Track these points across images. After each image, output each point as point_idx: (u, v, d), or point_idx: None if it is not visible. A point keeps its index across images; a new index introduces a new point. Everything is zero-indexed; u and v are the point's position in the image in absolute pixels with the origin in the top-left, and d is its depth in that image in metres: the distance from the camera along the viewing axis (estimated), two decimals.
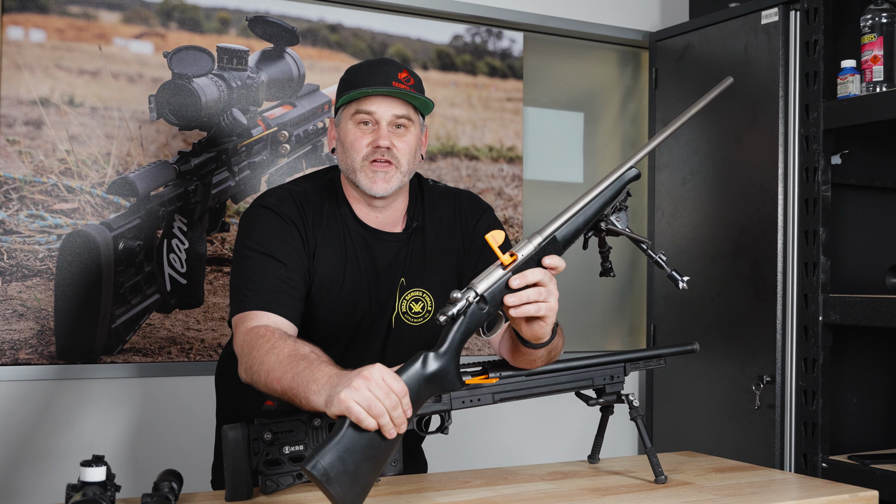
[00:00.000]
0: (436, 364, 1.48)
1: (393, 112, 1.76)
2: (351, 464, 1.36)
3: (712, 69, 3.17)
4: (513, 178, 3.30)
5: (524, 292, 1.50)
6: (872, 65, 2.64)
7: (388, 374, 1.40)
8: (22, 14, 2.61)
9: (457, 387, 1.50)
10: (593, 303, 3.54)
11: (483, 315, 1.50)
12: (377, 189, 1.77)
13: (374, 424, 1.37)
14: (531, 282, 1.50)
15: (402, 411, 1.40)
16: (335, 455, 1.36)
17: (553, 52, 3.47)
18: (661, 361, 1.82)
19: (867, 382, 2.96)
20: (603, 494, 1.64)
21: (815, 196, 2.77)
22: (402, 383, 1.41)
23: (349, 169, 1.79)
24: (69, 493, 1.41)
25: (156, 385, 2.76)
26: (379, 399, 1.37)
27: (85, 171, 2.67)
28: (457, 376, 1.50)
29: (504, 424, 3.28)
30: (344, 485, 1.35)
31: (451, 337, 1.49)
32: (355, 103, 1.77)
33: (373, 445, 1.39)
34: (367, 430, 1.38)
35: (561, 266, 1.54)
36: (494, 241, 1.50)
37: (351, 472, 1.36)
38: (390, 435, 1.39)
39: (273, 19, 2.93)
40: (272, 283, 1.71)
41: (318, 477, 1.34)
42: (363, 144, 1.76)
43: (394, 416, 1.38)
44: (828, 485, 1.77)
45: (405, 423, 1.41)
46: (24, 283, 2.59)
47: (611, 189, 1.63)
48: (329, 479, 1.34)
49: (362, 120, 1.77)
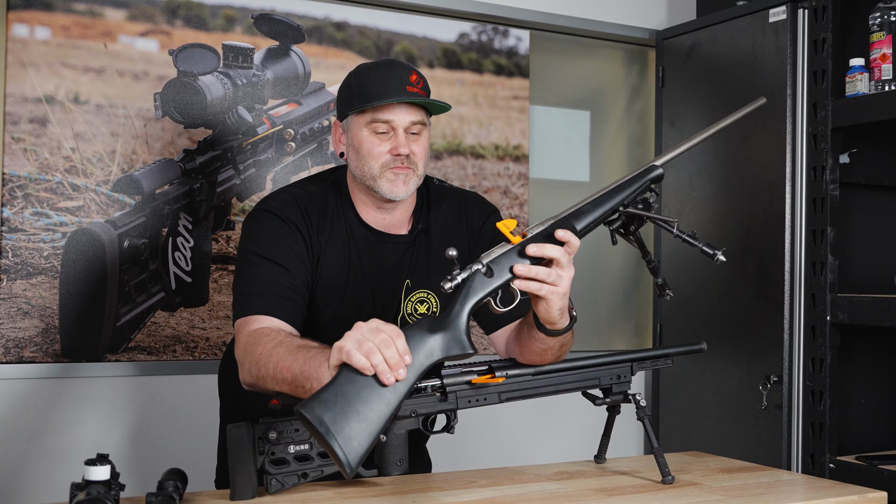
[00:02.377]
0: (441, 327, 1.45)
1: (410, 119, 1.75)
2: (345, 406, 1.34)
3: (719, 68, 3.15)
4: (519, 176, 3.29)
5: (535, 267, 1.47)
6: (881, 63, 2.62)
7: (382, 322, 1.41)
8: (27, 11, 2.61)
9: (467, 349, 1.45)
10: (599, 302, 3.53)
11: (488, 284, 1.47)
12: (398, 193, 1.75)
13: (365, 362, 1.36)
14: (548, 255, 1.48)
15: (395, 351, 1.38)
16: (327, 395, 1.35)
17: (559, 50, 3.46)
18: (668, 361, 1.81)
19: (875, 382, 2.95)
20: (609, 495, 1.63)
21: (823, 195, 2.76)
22: (394, 326, 1.40)
23: (366, 176, 1.77)
24: (73, 491, 1.40)
25: (160, 384, 2.76)
26: (368, 338, 1.37)
27: (90, 169, 2.66)
28: (467, 338, 1.45)
29: (510, 424, 3.27)
30: (337, 425, 1.33)
31: (457, 304, 1.47)
32: (371, 111, 1.74)
33: (371, 390, 1.37)
34: (363, 375, 1.37)
35: (574, 242, 1.49)
36: (506, 227, 1.49)
37: (345, 415, 1.34)
38: (386, 378, 1.37)
39: (279, 17, 2.92)
40: (275, 288, 1.71)
41: (310, 419, 1.32)
42: (382, 151, 1.75)
43: (386, 356, 1.37)
44: (836, 486, 1.76)
45: (402, 367, 1.38)
46: (28, 281, 2.59)
47: (631, 182, 1.59)
48: (321, 419, 1.32)
49: (379, 129, 1.75)
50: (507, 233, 1.49)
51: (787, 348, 2.86)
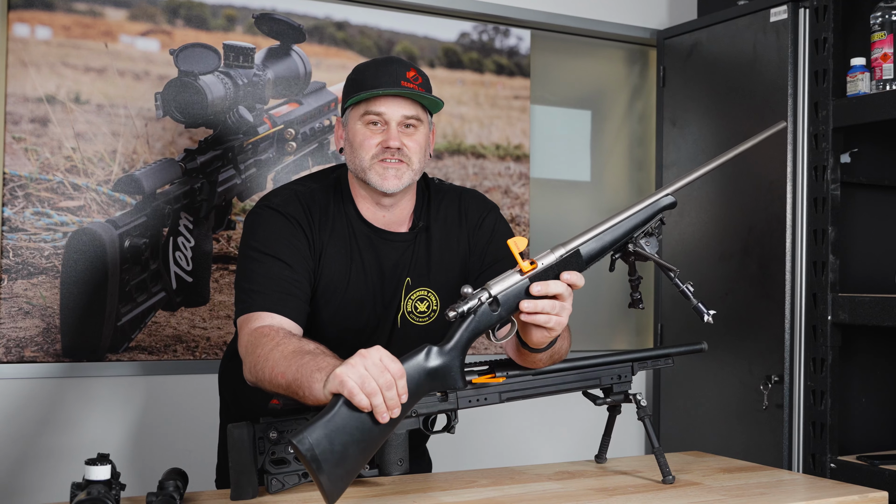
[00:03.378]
0: (439, 360, 1.45)
1: (402, 113, 1.76)
2: (338, 444, 1.34)
3: (721, 67, 3.15)
4: (520, 176, 3.29)
5: (541, 302, 1.48)
6: (882, 62, 2.62)
7: (386, 355, 1.39)
8: (28, 11, 2.61)
9: (458, 385, 1.46)
10: (600, 302, 3.53)
11: (494, 318, 1.48)
12: (388, 185, 1.76)
13: (367, 402, 1.35)
14: (552, 293, 1.49)
15: (396, 393, 1.37)
16: (323, 433, 1.33)
17: (560, 49, 3.45)
18: (669, 361, 1.81)
19: (876, 382, 2.94)
20: (610, 494, 1.63)
21: (824, 195, 2.76)
22: (398, 364, 1.39)
23: (358, 168, 1.78)
24: (74, 491, 1.40)
25: (161, 383, 2.76)
26: (373, 377, 1.35)
27: (91, 169, 2.66)
28: (460, 375, 1.46)
29: (511, 424, 3.27)
30: (328, 464, 1.32)
31: (458, 335, 1.47)
32: (364, 104, 1.76)
33: (363, 429, 1.36)
34: (359, 411, 1.36)
35: (579, 283, 1.51)
36: (516, 247, 1.48)
37: (337, 453, 1.33)
38: (382, 418, 1.36)
39: (279, 16, 2.92)
40: (277, 284, 1.71)
41: (303, 452, 1.32)
42: (372, 144, 1.76)
43: (387, 397, 1.36)
44: (837, 486, 1.75)
45: (398, 408, 1.38)
46: (29, 281, 2.59)
47: (643, 213, 1.61)
48: (314, 455, 1.32)
49: (371, 121, 1.76)
50: (517, 255, 1.48)
51: (787, 348, 2.86)
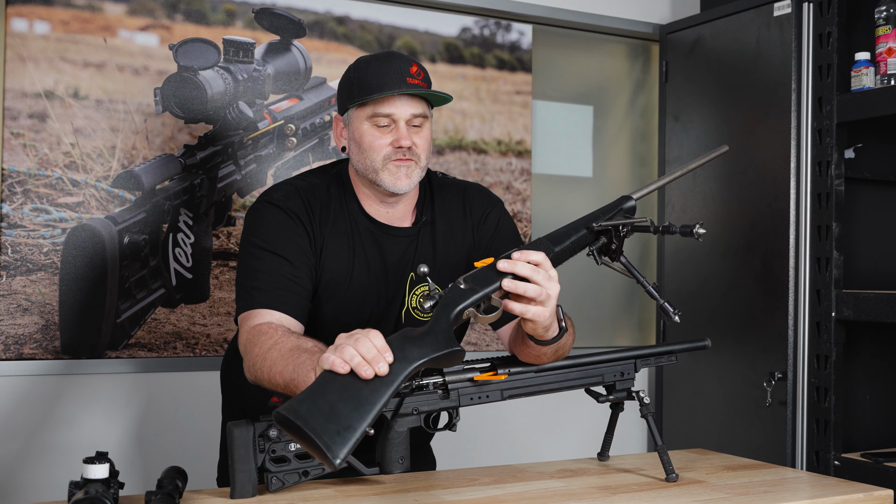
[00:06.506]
0: (422, 328, 1.43)
1: (411, 111, 1.74)
2: (323, 402, 1.31)
3: (724, 62, 3.13)
4: (521, 172, 3.27)
5: (520, 266, 1.48)
6: (887, 57, 2.61)
7: (363, 329, 1.40)
8: (26, 6, 2.59)
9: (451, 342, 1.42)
10: (602, 299, 3.52)
11: (466, 293, 1.46)
12: (401, 186, 1.74)
13: (340, 360, 1.34)
14: (518, 272, 1.48)
15: (370, 345, 1.35)
16: (306, 395, 1.33)
17: (562, 44, 3.44)
18: (672, 358, 1.80)
19: (880, 379, 2.93)
20: (613, 493, 1.61)
21: (828, 190, 2.74)
22: (374, 331, 1.39)
23: (368, 169, 1.75)
24: (72, 490, 1.39)
25: (161, 380, 2.75)
26: (348, 344, 1.36)
27: (90, 165, 2.65)
28: (446, 337, 1.42)
29: (513, 421, 3.26)
30: (316, 420, 1.29)
31: (436, 311, 1.46)
32: (371, 104, 1.73)
33: (349, 387, 1.33)
34: (341, 375, 1.34)
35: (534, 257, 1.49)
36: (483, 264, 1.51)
37: (324, 410, 1.30)
38: (364, 372, 1.33)
39: (280, 11, 2.90)
40: (278, 281, 1.70)
41: (285, 415, 1.29)
42: (383, 144, 1.74)
43: (362, 351, 1.35)
44: (841, 483, 1.74)
45: (381, 362, 1.35)
46: (28, 278, 2.58)
47: (605, 210, 1.64)
48: (298, 414, 1.29)
49: (380, 123, 1.74)
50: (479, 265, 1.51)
51: (791, 345, 2.85)
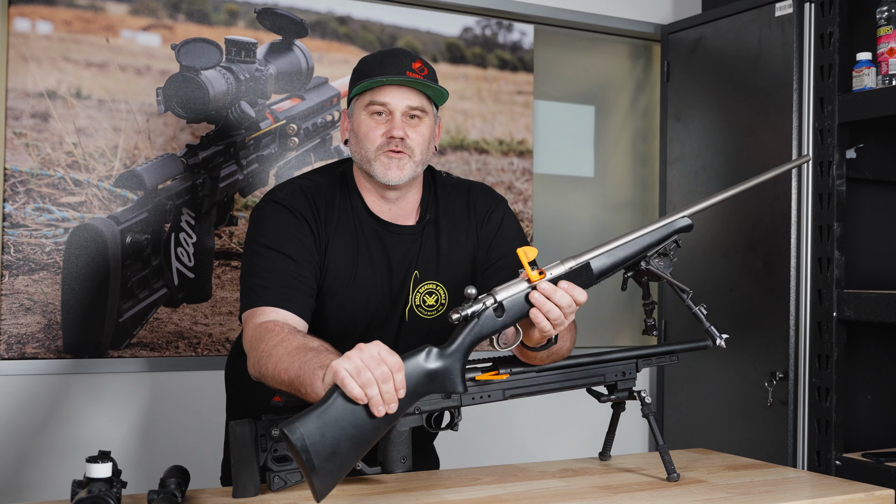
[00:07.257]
0: (439, 362, 1.43)
1: (407, 103, 1.75)
2: (330, 437, 1.31)
3: (725, 62, 3.13)
4: (523, 171, 3.27)
5: (548, 304, 1.47)
6: (889, 57, 2.60)
7: (385, 349, 1.37)
8: (29, 6, 2.60)
9: (458, 389, 1.43)
10: (604, 299, 3.52)
11: (498, 324, 1.46)
12: (391, 177, 1.75)
13: (360, 393, 1.32)
14: (556, 302, 1.47)
15: (392, 386, 1.34)
16: (315, 424, 1.31)
17: (564, 44, 3.44)
18: (674, 358, 1.80)
19: (881, 379, 2.93)
20: (614, 492, 1.61)
21: (830, 190, 2.74)
22: (397, 358, 1.37)
23: (363, 159, 1.77)
24: (75, 489, 1.39)
25: (163, 380, 2.75)
26: (369, 368, 1.33)
27: (92, 164, 2.65)
28: (460, 379, 1.44)
29: (514, 421, 3.26)
30: (319, 457, 1.29)
31: (461, 339, 1.45)
32: (369, 94, 1.75)
33: (357, 423, 1.33)
34: (355, 404, 1.33)
35: (581, 298, 1.49)
36: (525, 256, 1.47)
37: (329, 446, 1.30)
38: (378, 411, 1.33)
39: (282, 11, 2.91)
40: (282, 279, 1.70)
41: (293, 442, 1.29)
42: (377, 135, 1.75)
43: (383, 390, 1.34)
44: (842, 483, 1.74)
45: (395, 402, 1.35)
46: (30, 277, 2.58)
47: (658, 232, 1.61)
48: (304, 447, 1.29)
49: (376, 111, 1.75)
50: (526, 264, 1.47)
51: (793, 345, 2.85)
